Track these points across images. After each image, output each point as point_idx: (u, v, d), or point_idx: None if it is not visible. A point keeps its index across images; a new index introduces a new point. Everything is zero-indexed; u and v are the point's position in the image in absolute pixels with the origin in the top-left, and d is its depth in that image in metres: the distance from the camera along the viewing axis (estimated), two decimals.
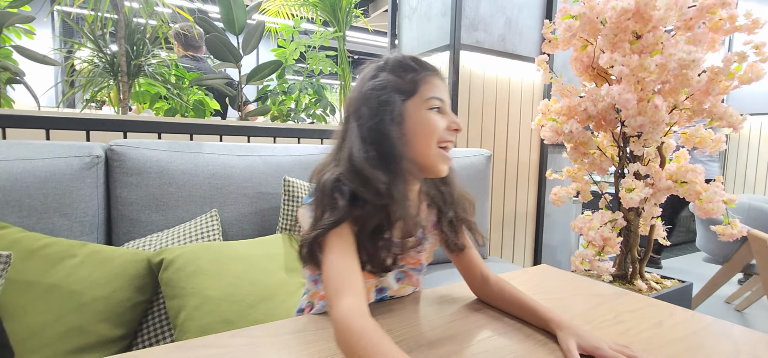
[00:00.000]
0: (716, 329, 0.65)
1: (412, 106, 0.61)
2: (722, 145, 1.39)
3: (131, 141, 1.12)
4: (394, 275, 0.72)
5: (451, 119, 0.63)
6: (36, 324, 0.83)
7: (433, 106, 0.62)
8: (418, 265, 0.73)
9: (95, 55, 1.50)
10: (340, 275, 0.53)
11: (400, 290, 0.74)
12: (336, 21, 1.95)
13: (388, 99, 0.60)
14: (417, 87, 0.62)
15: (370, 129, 0.59)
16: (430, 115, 0.61)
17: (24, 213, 0.95)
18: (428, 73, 0.63)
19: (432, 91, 0.62)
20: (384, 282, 0.71)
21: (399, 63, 0.63)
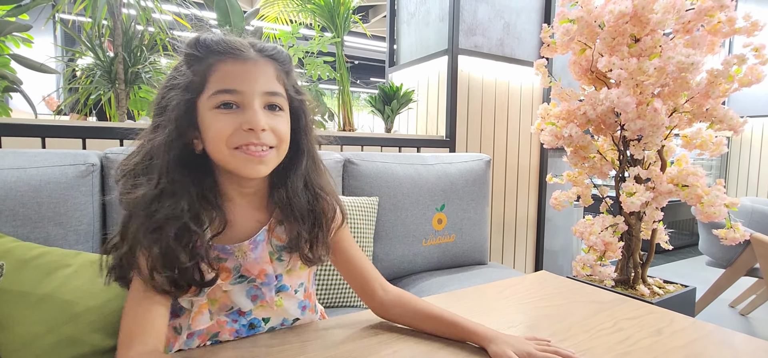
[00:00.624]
0: (717, 337, 0.64)
1: (202, 106, 0.53)
2: (723, 148, 1.38)
3: (128, 148, 1.11)
4: (244, 291, 0.59)
5: (244, 118, 0.52)
6: (28, 335, 0.83)
7: (219, 104, 0.52)
8: (263, 277, 0.60)
9: (93, 62, 1.50)
10: (133, 317, 0.50)
11: (266, 309, 0.61)
12: (334, 27, 1.95)
13: (177, 100, 0.52)
14: (205, 80, 0.53)
15: (164, 138, 0.52)
16: (215, 117, 0.52)
17: (18, 222, 0.95)
18: (215, 59, 0.52)
19: (219, 83, 0.52)
20: (234, 301, 0.59)
21: (190, 51, 0.53)
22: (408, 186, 1.43)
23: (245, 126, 0.52)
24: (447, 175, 1.52)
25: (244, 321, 0.60)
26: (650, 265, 1.58)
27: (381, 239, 1.39)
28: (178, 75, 0.54)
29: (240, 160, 0.52)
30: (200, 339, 0.59)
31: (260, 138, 0.52)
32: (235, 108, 0.53)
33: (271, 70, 0.55)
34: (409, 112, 2.20)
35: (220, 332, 0.59)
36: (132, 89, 1.58)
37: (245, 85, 0.52)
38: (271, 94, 0.54)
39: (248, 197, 0.60)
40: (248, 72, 0.53)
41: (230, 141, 0.52)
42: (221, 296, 0.59)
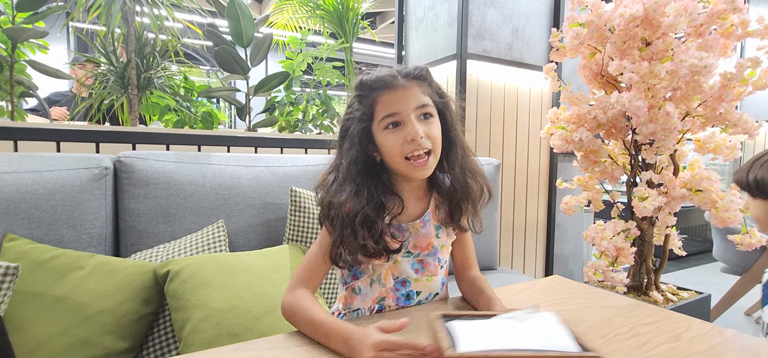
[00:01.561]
0: (738, 343, 0.62)
1: (375, 130, 0.70)
2: (737, 152, 1.35)
3: (139, 152, 1.13)
4: (410, 263, 0.75)
5: (406, 132, 0.67)
6: (42, 336, 0.83)
7: (387, 125, 0.68)
8: (431, 248, 0.75)
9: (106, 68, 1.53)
10: (304, 270, 0.71)
11: (423, 282, 0.76)
12: (343, 33, 1.97)
13: (356, 130, 0.69)
14: (373, 110, 0.69)
15: (352, 158, 0.69)
16: (386, 136, 0.68)
17: (33, 225, 0.96)
18: (377, 93, 0.69)
19: (383, 110, 0.68)
20: (403, 272, 0.75)
21: (358, 92, 0.71)
22: None
23: (408, 137, 0.67)
24: None
25: (404, 291, 0.76)
26: (662, 272, 1.56)
27: None
28: (353, 110, 0.71)
29: (410, 167, 0.69)
30: (372, 301, 0.75)
31: (421, 145, 0.67)
32: (399, 125, 0.68)
33: (417, 88, 0.70)
34: None
35: (386, 298, 0.75)
36: (144, 95, 1.60)
37: (401, 107, 0.68)
38: (421, 106, 0.69)
39: (412, 189, 0.76)
40: (401, 97, 0.68)
41: (402, 152, 0.68)
42: (394, 265, 0.74)
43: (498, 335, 0.50)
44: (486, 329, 0.52)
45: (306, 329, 0.63)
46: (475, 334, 0.50)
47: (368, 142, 0.71)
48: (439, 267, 0.79)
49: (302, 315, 0.64)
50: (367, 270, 0.74)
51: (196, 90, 1.74)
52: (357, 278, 0.76)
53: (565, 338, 0.51)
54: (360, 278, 0.76)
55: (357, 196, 0.68)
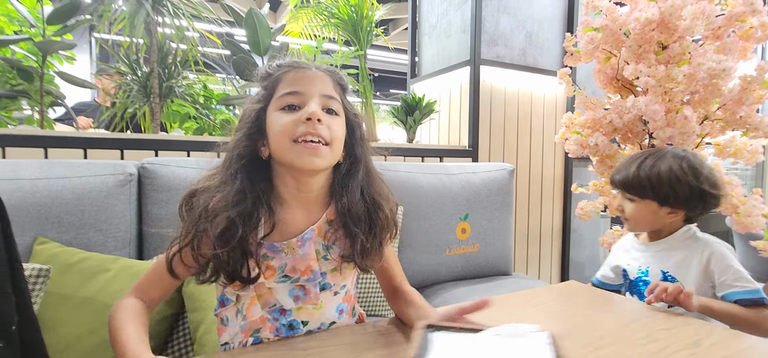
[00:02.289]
0: (761, 350, 0.61)
1: (270, 111, 0.61)
2: (759, 157, 1.33)
3: (162, 159, 1.17)
4: (288, 290, 0.63)
5: (304, 110, 0.58)
6: (71, 336, 0.87)
7: (284, 105, 0.60)
8: (310, 273, 0.63)
9: (130, 78, 1.58)
10: (147, 276, 0.63)
11: (308, 310, 0.64)
12: (357, 40, 1.99)
13: (251, 112, 0.61)
14: (273, 90, 0.62)
15: (236, 140, 0.61)
16: (279, 116, 0.59)
17: (62, 229, 1.00)
18: (284, 71, 0.62)
19: (284, 87, 0.60)
20: (278, 300, 0.63)
21: (262, 74, 0.64)
22: (431, 195, 1.43)
23: (304, 116, 0.58)
24: (470, 185, 1.52)
25: (284, 321, 0.64)
26: None
27: (405, 249, 1.39)
28: (256, 95, 0.64)
29: (298, 151, 0.58)
30: (243, 334, 0.63)
31: (317, 129, 0.58)
32: (297, 109, 0.59)
33: (329, 81, 0.63)
34: (431, 123, 2.21)
35: (262, 329, 0.63)
36: (165, 103, 1.65)
37: (306, 87, 0.60)
38: (328, 97, 0.61)
39: (304, 201, 0.64)
40: (309, 77, 0.61)
41: (292, 133, 0.58)
42: (265, 293, 0.63)
43: (475, 353, 0.47)
44: (465, 344, 0.48)
45: (113, 348, 0.54)
46: (451, 348, 0.47)
47: (258, 131, 0.61)
48: (332, 294, 0.66)
49: (112, 330, 0.55)
50: (231, 296, 0.63)
51: (215, 98, 1.78)
52: (224, 306, 0.65)
53: None
54: (226, 306, 0.64)
55: (229, 187, 0.58)
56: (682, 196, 0.88)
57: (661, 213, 0.91)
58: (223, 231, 0.56)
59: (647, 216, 0.92)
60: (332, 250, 0.65)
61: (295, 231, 0.63)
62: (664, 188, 0.87)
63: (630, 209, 0.94)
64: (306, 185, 0.63)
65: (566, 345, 0.55)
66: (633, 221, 0.94)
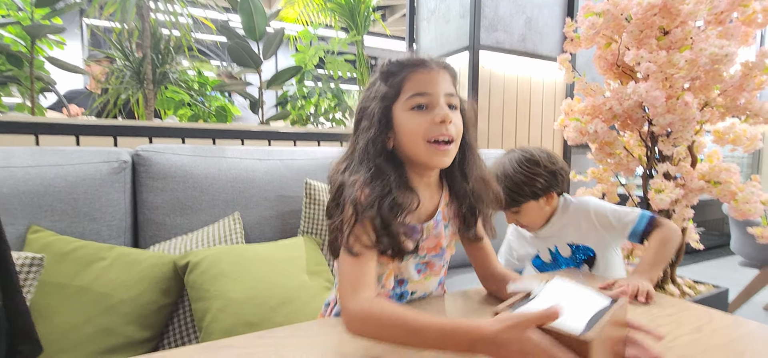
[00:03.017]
0: (760, 336, 0.61)
1: (398, 110, 0.65)
2: (758, 144, 1.32)
3: (157, 146, 1.15)
4: (414, 264, 0.71)
5: (434, 113, 0.63)
6: (66, 325, 0.86)
7: (414, 105, 0.64)
8: (439, 250, 0.72)
9: (123, 64, 1.55)
10: (354, 273, 0.59)
11: (423, 282, 0.73)
12: (354, 25, 1.96)
13: (377, 108, 0.65)
14: (399, 89, 0.65)
15: (370, 137, 0.64)
16: (411, 117, 0.64)
17: (56, 217, 0.98)
18: (409, 70, 0.65)
19: (413, 88, 0.64)
20: (405, 273, 0.71)
21: (385, 69, 0.66)
22: None
23: (437, 119, 0.63)
24: None
25: (399, 290, 0.72)
26: (678, 265, 1.53)
27: None
28: (374, 90, 0.67)
29: (432, 152, 0.64)
30: None
31: (447, 130, 0.64)
32: (425, 109, 0.64)
33: (448, 77, 0.67)
34: None
35: (379, 294, 0.68)
36: (159, 90, 1.62)
37: (433, 89, 0.64)
38: (450, 95, 0.66)
39: (426, 185, 0.71)
40: (434, 78, 0.64)
41: (426, 134, 0.63)
42: (393, 267, 0.70)
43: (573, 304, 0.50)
44: (555, 297, 0.52)
45: (401, 336, 0.51)
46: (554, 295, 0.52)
47: (387, 125, 0.65)
48: (442, 267, 0.76)
49: (392, 322, 0.52)
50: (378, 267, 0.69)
51: (210, 85, 1.75)
52: None
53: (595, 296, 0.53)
54: None
55: (374, 180, 0.62)
56: (543, 181, 0.96)
57: (541, 205, 0.97)
58: (389, 211, 0.61)
59: (536, 214, 0.98)
60: (448, 228, 0.73)
61: (426, 212, 0.70)
62: (526, 186, 0.95)
63: (522, 219, 0.99)
64: (429, 174, 0.70)
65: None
66: (532, 225, 1.00)
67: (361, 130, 0.66)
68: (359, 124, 0.67)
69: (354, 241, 0.61)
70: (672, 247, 0.87)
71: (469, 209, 0.72)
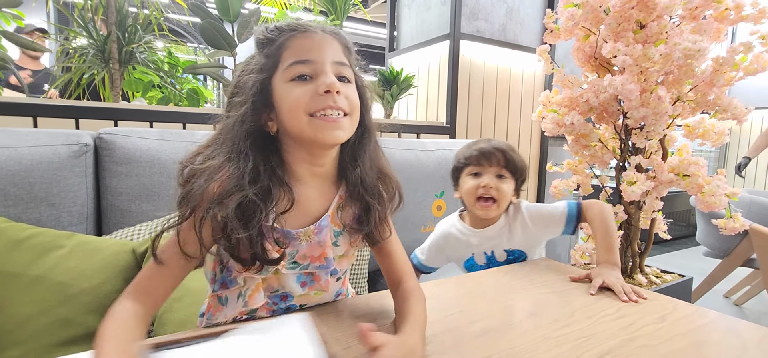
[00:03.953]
0: (721, 325, 0.63)
1: (277, 82, 0.55)
2: (725, 138, 1.36)
3: (121, 129, 1.09)
4: (296, 276, 0.61)
5: (319, 82, 0.53)
6: (21, 316, 0.81)
7: (295, 75, 0.54)
8: (323, 260, 0.61)
9: (87, 42, 1.47)
10: (143, 278, 0.53)
11: (310, 296, 0.63)
12: (334, 10, 1.91)
13: (251, 81, 0.55)
14: (278, 58, 0.55)
15: (239, 113, 0.54)
16: (291, 88, 0.54)
17: (9, 202, 0.92)
18: (288, 35, 0.55)
19: (293, 55, 0.54)
20: (285, 286, 0.61)
21: (261, 37, 0.57)
22: (407, 172, 1.41)
23: (321, 89, 0.53)
24: (447, 162, 1.50)
25: (283, 305, 0.62)
26: (647, 255, 1.58)
27: None
28: (251, 62, 0.57)
29: (318, 126, 0.53)
30: (240, 313, 0.61)
31: (336, 101, 0.54)
32: (309, 79, 0.54)
33: (337, 44, 0.57)
34: (409, 98, 2.18)
35: (259, 310, 0.61)
36: (126, 70, 1.55)
37: (317, 55, 0.54)
38: (340, 64, 0.56)
39: (318, 176, 0.60)
40: (318, 43, 0.55)
41: (308, 107, 0.53)
42: (271, 278, 0.60)
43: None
44: (198, 354, 0.45)
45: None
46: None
47: (264, 104, 0.55)
48: (336, 279, 0.65)
49: (101, 331, 0.46)
50: (238, 279, 0.59)
51: (181, 66, 1.68)
52: (226, 287, 0.61)
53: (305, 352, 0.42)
54: (230, 288, 0.60)
55: (237, 165, 0.52)
56: (523, 180, 0.99)
57: (510, 196, 0.97)
58: (242, 212, 0.51)
59: (508, 197, 0.97)
60: (342, 236, 0.63)
61: (310, 213, 0.60)
62: (520, 171, 0.97)
63: (504, 187, 0.96)
64: (321, 157, 0.59)
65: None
66: (502, 202, 0.96)
67: (233, 107, 0.55)
68: (231, 101, 0.56)
69: (166, 244, 0.53)
70: (610, 221, 0.88)
71: (363, 205, 0.61)
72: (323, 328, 0.54)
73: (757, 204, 2.11)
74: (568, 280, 0.81)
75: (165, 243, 0.54)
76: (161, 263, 0.52)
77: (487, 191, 0.93)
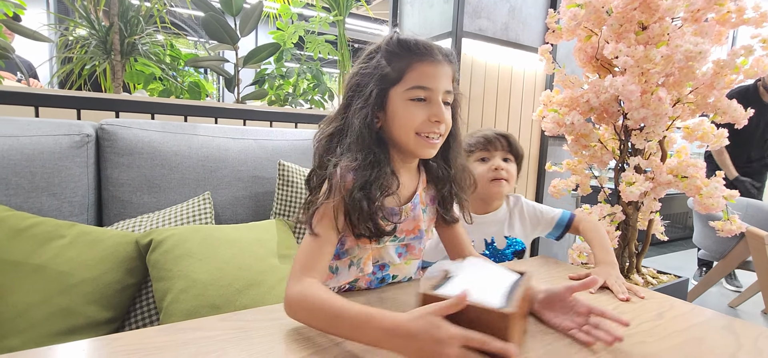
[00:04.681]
0: (717, 323, 0.64)
1: (395, 95, 0.64)
2: (724, 141, 1.37)
3: (123, 120, 1.09)
4: (395, 247, 0.72)
5: (432, 111, 0.64)
6: (22, 305, 0.81)
7: (414, 97, 0.64)
8: (417, 232, 0.73)
9: (88, 32, 1.46)
10: (307, 255, 0.60)
11: (403, 266, 0.74)
12: (336, 5, 1.91)
13: (373, 87, 0.64)
14: (402, 75, 0.64)
15: (364, 119, 0.63)
16: (408, 107, 0.64)
17: (11, 191, 0.93)
18: (416, 59, 0.64)
19: (416, 80, 0.63)
20: (386, 257, 0.72)
21: (390, 48, 0.65)
22: None
23: (433, 118, 0.64)
24: None
25: (380, 275, 0.74)
26: (644, 256, 1.59)
27: None
28: (376, 67, 0.65)
29: (420, 144, 0.65)
30: (345, 283, 0.71)
31: (439, 128, 0.65)
32: (423, 101, 0.64)
33: (450, 72, 0.67)
34: None
35: (359, 279, 0.72)
36: (128, 61, 1.54)
37: (435, 84, 0.64)
38: (448, 93, 0.66)
39: (406, 168, 0.72)
40: (438, 73, 0.64)
41: (418, 128, 0.64)
42: (376, 250, 0.71)
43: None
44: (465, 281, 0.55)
45: (324, 323, 0.52)
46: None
47: (380, 107, 0.65)
48: (421, 250, 0.77)
49: (317, 307, 0.52)
50: (351, 251, 0.70)
51: (182, 59, 1.68)
52: (338, 258, 0.71)
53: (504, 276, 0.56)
54: (341, 258, 0.71)
55: (364, 166, 0.62)
56: (521, 165, 1.07)
57: (515, 174, 1.05)
58: (367, 194, 0.61)
59: (514, 177, 1.05)
60: (427, 213, 0.74)
61: (405, 194, 0.70)
62: (521, 157, 1.07)
63: (511, 168, 1.04)
64: (411, 159, 0.72)
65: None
66: (512, 181, 1.05)
67: (356, 109, 0.65)
68: (353, 100, 0.66)
69: (319, 220, 0.61)
70: (602, 229, 0.94)
71: (449, 194, 0.75)
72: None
73: (754, 207, 2.12)
74: (567, 278, 0.82)
75: (316, 219, 0.62)
76: (318, 236, 0.61)
77: (500, 172, 1.00)
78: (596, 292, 0.74)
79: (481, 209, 1.06)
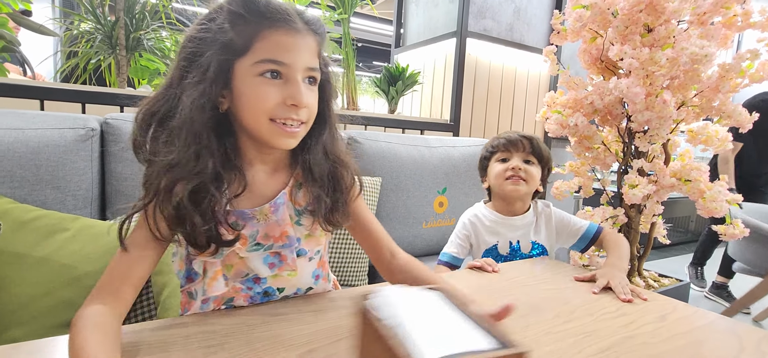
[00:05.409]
0: (720, 326, 0.63)
1: (242, 69, 0.51)
2: (728, 145, 1.36)
3: (128, 115, 1.10)
4: (262, 258, 0.59)
5: (288, 92, 0.52)
6: (25, 296, 0.82)
7: (265, 71, 0.51)
8: (285, 239, 0.59)
9: (93, 27, 1.47)
10: (110, 272, 0.51)
11: (283, 277, 0.61)
12: (341, 4, 1.91)
13: (213, 57, 0.50)
14: (249, 44, 0.51)
15: (197, 98, 0.50)
16: (257, 85, 0.51)
17: (15, 184, 0.93)
18: (267, 25, 0.51)
19: (268, 51, 0.51)
20: (252, 269, 0.59)
21: (234, 8, 0.51)
22: (411, 168, 1.41)
23: (289, 101, 0.52)
24: (450, 159, 1.51)
25: (259, 289, 0.61)
26: (646, 259, 1.58)
27: (381, 220, 1.36)
28: (217, 31, 0.51)
29: (275, 132, 0.53)
30: (215, 304, 0.60)
31: (299, 114, 0.53)
32: (279, 78, 0.52)
33: (314, 44, 0.55)
34: (414, 95, 2.18)
35: (235, 298, 0.60)
36: (133, 57, 1.55)
37: (292, 59, 0.52)
38: (311, 69, 0.55)
39: (268, 162, 0.60)
40: (296, 44, 0.52)
41: (271, 113, 0.52)
42: (237, 263, 0.59)
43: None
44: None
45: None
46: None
47: (222, 82, 0.52)
48: (307, 259, 0.63)
49: (75, 347, 0.43)
50: (198, 268, 0.58)
51: None
52: (192, 281, 0.60)
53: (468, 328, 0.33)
54: (195, 281, 0.59)
55: (189, 158, 0.50)
56: (549, 169, 1.07)
57: (539, 180, 1.06)
58: (194, 197, 0.50)
59: (536, 180, 1.05)
60: (305, 215, 0.62)
61: (265, 194, 0.59)
62: (546, 160, 1.06)
63: (532, 170, 1.04)
64: (271, 150, 0.59)
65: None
66: (531, 182, 1.04)
67: (189, 84, 0.51)
68: (186, 70, 0.52)
69: (133, 230, 0.52)
70: (625, 246, 0.94)
71: (325, 193, 0.61)
72: None
73: None
74: (571, 279, 0.82)
75: (133, 229, 0.53)
76: (128, 251, 0.51)
77: (516, 172, 1.00)
78: (599, 292, 0.74)
79: (505, 210, 1.06)
